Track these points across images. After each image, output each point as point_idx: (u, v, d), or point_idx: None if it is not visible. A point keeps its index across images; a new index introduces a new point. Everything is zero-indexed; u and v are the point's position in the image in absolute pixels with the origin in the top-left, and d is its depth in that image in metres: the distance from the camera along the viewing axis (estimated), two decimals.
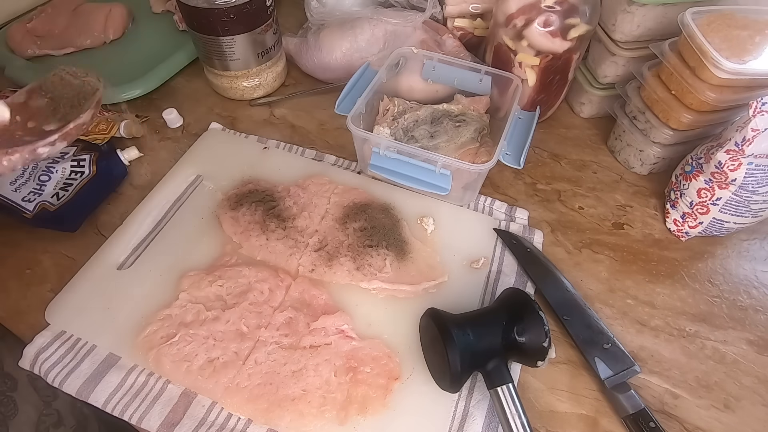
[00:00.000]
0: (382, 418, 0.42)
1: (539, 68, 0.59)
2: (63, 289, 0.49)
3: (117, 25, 0.76)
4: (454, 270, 0.51)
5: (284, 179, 0.58)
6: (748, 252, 0.55)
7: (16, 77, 0.70)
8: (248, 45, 0.63)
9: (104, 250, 0.52)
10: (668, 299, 0.51)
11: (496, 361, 0.40)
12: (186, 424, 0.42)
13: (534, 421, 0.42)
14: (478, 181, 0.55)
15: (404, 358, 0.45)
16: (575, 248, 0.55)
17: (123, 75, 0.69)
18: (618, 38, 0.58)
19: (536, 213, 0.58)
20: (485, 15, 0.69)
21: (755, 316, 0.50)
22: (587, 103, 0.67)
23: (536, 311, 0.39)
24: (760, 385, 0.46)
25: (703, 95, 0.50)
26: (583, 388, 0.45)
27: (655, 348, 0.48)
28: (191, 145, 0.63)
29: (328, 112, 0.63)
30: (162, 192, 0.57)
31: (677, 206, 0.55)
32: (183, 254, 0.52)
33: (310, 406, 0.42)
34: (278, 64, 0.70)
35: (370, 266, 0.50)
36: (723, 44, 0.48)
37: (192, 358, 0.44)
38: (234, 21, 0.60)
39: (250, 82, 0.68)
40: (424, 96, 0.63)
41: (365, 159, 0.55)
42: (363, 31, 0.66)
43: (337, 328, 0.46)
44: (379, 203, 0.56)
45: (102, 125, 0.62)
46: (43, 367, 0.44)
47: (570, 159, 0.64)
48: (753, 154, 0.47)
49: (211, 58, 0.65)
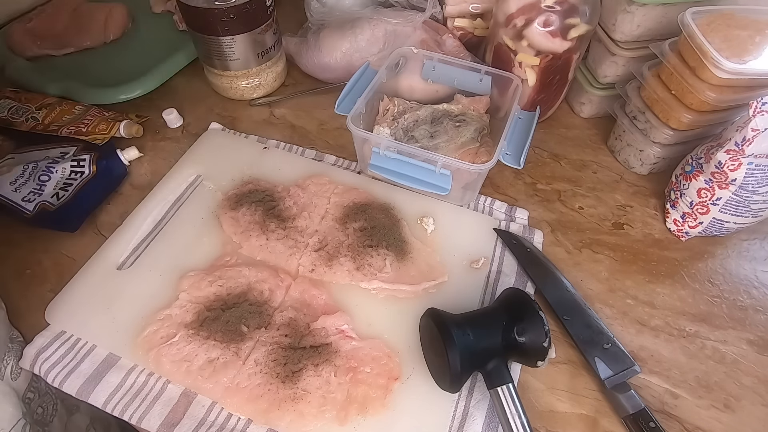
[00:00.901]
0: (382, 418, 0.42)
1: (539, 68, 0.59)
2: (63, 289, 0.49)
3: (117, 25, 0.76)
4: (454, 270, 0.51)
5: (284, 179, 0.58)
6: (748, 252, 0.55)
7: (16, 77, 0.70)
8: (248, 45, 0.63)
9: (104, 250, 0.52)
10: (668, 299, 0.51)
11: (496, 361, 0.40)
12: (186, 424, 0.42)
13: (534, 421, 0.42)
14: (478, 181, 0.55)
15: (404, 358, 0.45)
16: (575, 248, 0.55)
17: (123, 75, 0.69)
18: (618, 38, 0.58)
19: (536, 213, 0.58)
20: (485, 15, 0.69)
21: (755, 316, 0.50)
22: (587, 103, 0.67)
23: (536, 311, 0.39)
24: (760, 385, 0.46)
25: (703, 95, 0.50)
26: (583, 388, 0.45)
27: (655, 348, 0.48)
28: (191, 145, 0.63)
29: (328, 112, 0.63)
30: (162, 192, 0.57)
31: (677, 206, 0.55)
32: (183, 254, 0.52)
33: (310, 406, 0.42)
34: (278, 64, 0.70)
35: (370, 266, 0.50)
36: (723, 44, 0.48)
37: (192, 358, 0.44)
38: (234, 21, 0.60)
39: (250, 82, 0.68)
40: (424, 96, 0.63)
41: (365, 159, 0.55)
42: (363, 31, 0.66)
43: (337, 328, 0.46)
44: (379, 203, 0.56)
45: (102, 125, 0.62)
46: (43, 367, 0.44)
47: (570, 159, 0.64)
48: (753, 154, 0.47)
49: (211, 58, 0.65)
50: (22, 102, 0.63)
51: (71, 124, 0.61)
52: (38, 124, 0.61)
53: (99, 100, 0.66)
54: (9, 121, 0.62)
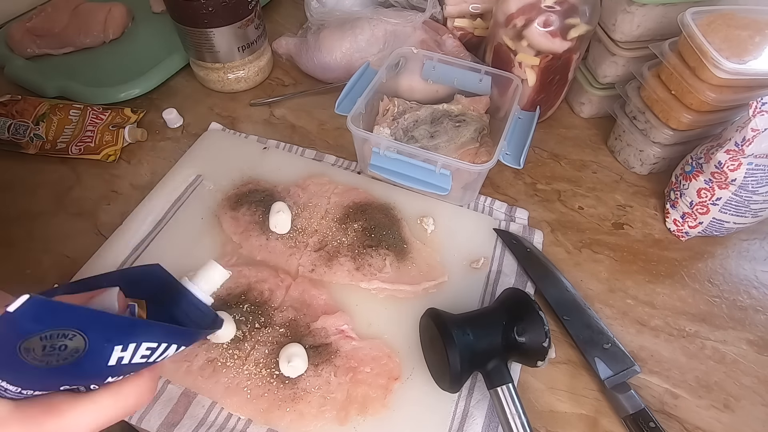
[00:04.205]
0: (382, 418, 0.42)
1: (539, 68, 0.59)
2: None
3: (117, 24, 0.76)
4: (454, 270, 0.51)
5: (284, 179, 0.58)
6: (748, 252, 0.55)
7: (15, 76, 0.70)
8: (229, 38, 0.64)
9: (104, 250, 0.52)
10: (668, 299, 0.51)
11: (496, 361, 0.40)
12: (186, 424, 0.42)
13: (534, 421, 0.42)
14: (478, 181, 0.55)
15: (404, 358, 0.45)
16: (575, 248, 0.55)
17: (122, 74, 0.69)
18: (618, 38, 0.58)
19: (536, 213, 0.58)
20: (485, 15, 0.69)
21: (755, 316, 0.50)
22: (587, 103, 0.67)
23: (536, 311, 0.39)
24: (760, 385, 0.46)
25: (703, 95, 0.50)
26: (583, 388, 0.45)
27: (655, 348, 0.48)
28: (191, 145, 0.63)
29: (328, 112, 0.63)
30: (162, 192, 0.57)
31: (677, 206, 0.55)
32: (183, 254, 0.52)
33: (310, 406, 0.42)
34: (261, 59, 0.71)
35: (370, 266, 0.50)
36: (723, 44, 0.48)
37: (192, 358, 0.44)
38: (213, 14, 0.61)
39: (231, 75, 0.69)
40: (424, 96, 0.63)
41: (365, 159, 0.55)
42: (363, 31, 0.66)
43: (337, 328, 0.46)
44: (379, 203, 0.56)
45: (107, 136, 0.62)
46: None
47: (570, 159, 0.64)
48: (753, 154, 0.47)
49: (192, 49, 0.67)
50: (16, 117, 0.62)
51: (77, 140, 0.61)
52: (44, 143, 0.61)
53: (98, 100, 0.66)
54: (14, 143, 0.61)
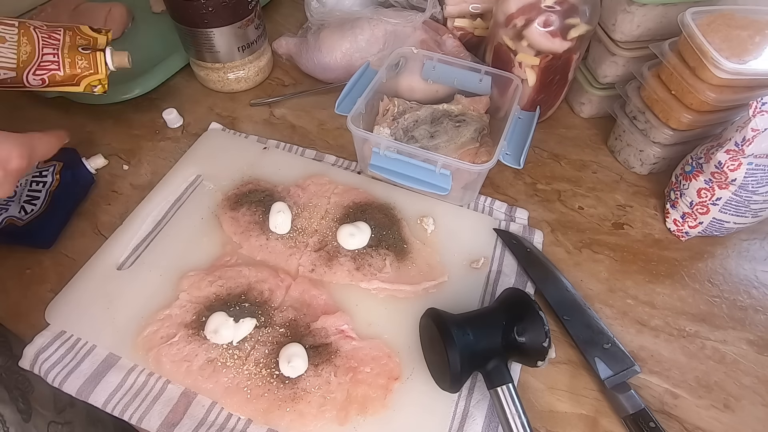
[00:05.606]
0: (382, 418, 0.42)
1: (539, 68, 0.59)
2: (63, 289, 0.49)
3: (117, 24, 0.76)
4: (454, 270, 0.51)
5: (284, 179, 0.58)
6: (748, 252, 0.55)
7: None
8: (229, 38, 0.64)
9: (104, 250, 0.52)
10: (668, 299, 0.51)
11: (496, 361, 0.40)
12: (186, 424, 0.42)
13: (534, 421, 0.42)
14: (478, 181, 0.55)
15: (404, 358, 0.45)
16: (575, 248, 0.55)
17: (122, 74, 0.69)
18: (618, 38, 0.58)
19: (536, 213, 0.58)
20: (485, 15, 0.69)
21: (755, 316, 0.50)
22: (587, 103, 0.67)
23: (536, 311, 0.39)
24: (760, 385, 0.46)
25: (703, 95, 0.50)
26: (583, 388, 0.45)
27: (655, 348, 0.48)
28: (191, 145, 0.63)
29: (328, 112, 0.63)
30: (162, 192, 0.57)
31: (677, 206, 0.55)
32: (183, 254, 0.52)
33: (309, 406, 0.42)
34: (261, 59, 0.71)
35: (370, 266, 0.50)
36: (723, 44, 0.48)
37: (192, 358, 0.44)
38: (213, 14, 0.61)
39: (231, 75, 0.69)
40: (424, 96, 0.63)
41: (365, 159, 0.55)
42: (363, 31, 0.66)
43: (337, 328, 0.46)
44: (379, 203, 0.56)
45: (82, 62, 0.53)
46: (43, 367, 0.44)
47: (570, 159, 0.64)
48: (753, 154, 0.47)
49: (192, 49, 0.67)
50: None
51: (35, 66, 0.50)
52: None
53: (98, 100, 0.66)
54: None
